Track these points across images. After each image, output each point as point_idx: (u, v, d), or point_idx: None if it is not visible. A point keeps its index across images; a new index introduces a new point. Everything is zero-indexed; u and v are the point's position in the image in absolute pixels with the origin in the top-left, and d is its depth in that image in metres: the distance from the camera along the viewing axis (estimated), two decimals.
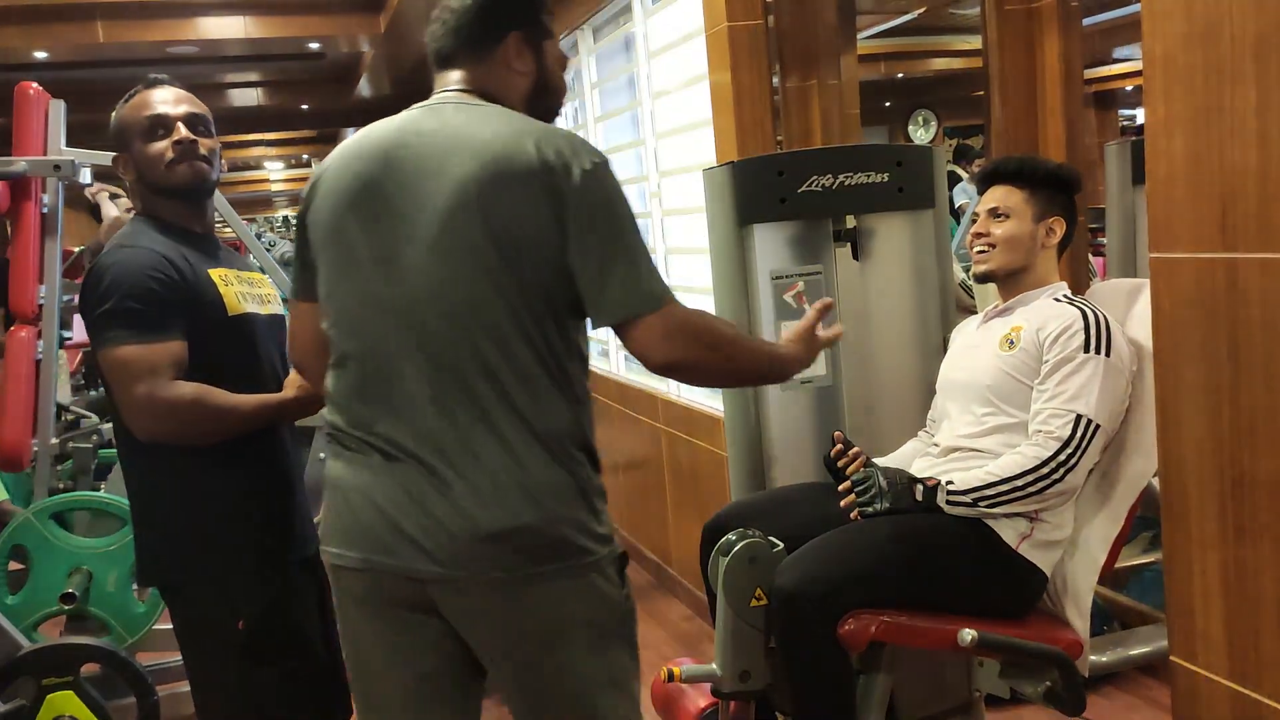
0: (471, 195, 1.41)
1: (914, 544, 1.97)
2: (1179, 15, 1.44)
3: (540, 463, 1.43)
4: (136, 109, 1.92)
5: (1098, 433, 1.95)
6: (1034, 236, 2.17)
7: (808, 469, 2.50)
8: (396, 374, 1.46)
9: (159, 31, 6.33)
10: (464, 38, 1.57)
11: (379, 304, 1.47)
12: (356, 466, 1.49)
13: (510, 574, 1.42)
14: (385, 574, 1.47)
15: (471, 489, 1.41)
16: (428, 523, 1.42)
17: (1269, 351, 1.38)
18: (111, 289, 1.79)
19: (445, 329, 1.43)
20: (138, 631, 2.97)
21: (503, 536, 1.41)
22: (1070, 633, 2.01)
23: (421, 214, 1.44)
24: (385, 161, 1.48)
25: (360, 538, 1.48)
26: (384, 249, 1.46)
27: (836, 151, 2.84)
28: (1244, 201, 1.38)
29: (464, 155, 1.43)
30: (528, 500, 1.42)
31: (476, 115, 1.49)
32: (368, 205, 1.48)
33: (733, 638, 1.99)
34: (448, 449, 1.42)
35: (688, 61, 3.42)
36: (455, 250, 1.42)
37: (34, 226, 2.99)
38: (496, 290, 1.41)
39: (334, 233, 1.51)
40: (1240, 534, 1.47)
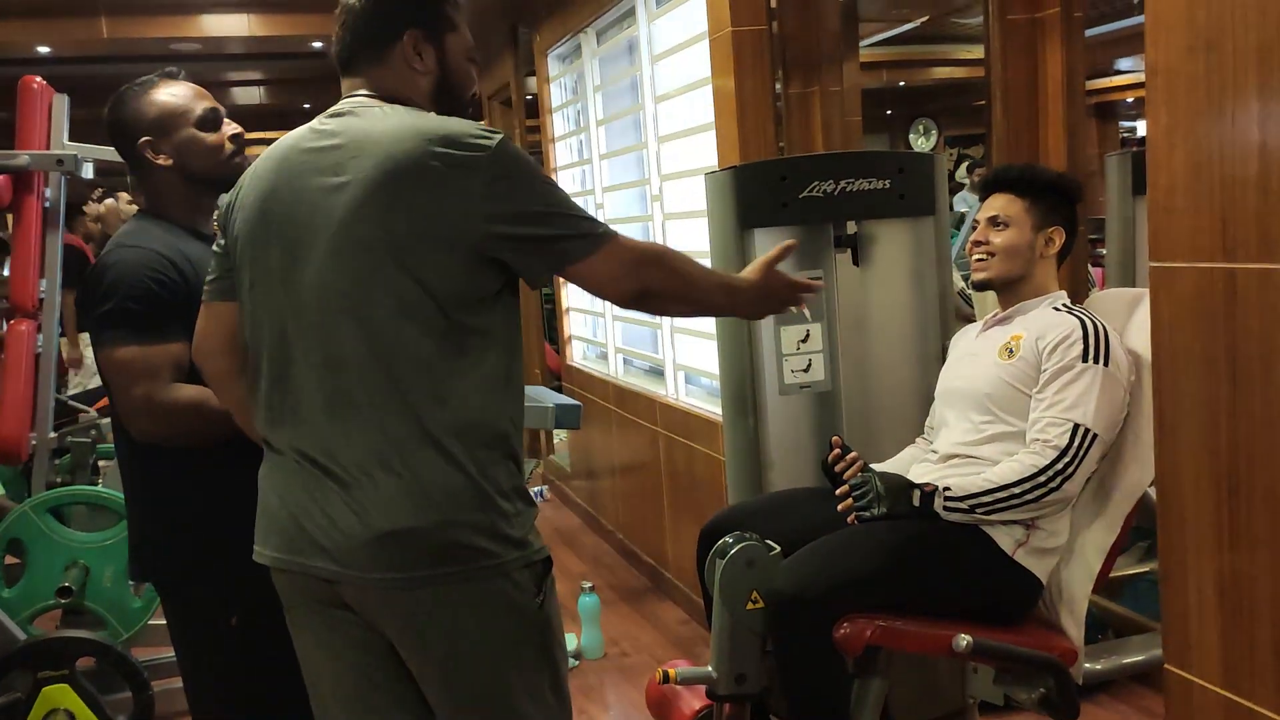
0: (367, 197, 1.41)
1: (910, 549, 1.98)
2: (1181, 26, 1.44)
3: (434, 464, 1.41)
4: (181, 98, 1.92)
5: (1095, 442, 1.96)
6: (1033, 246, 2.17)
7: (805, 473, 2.51)
8: (295, 381, 1.47)
9: (162, 28, 6.35)
10: (361, 39, 1.55)
11: (280, 312, 1.48)
12: (272, 467, 1.53)
13: (405, 575, 1.42)
14: (299, 573, 1.49)
15: (364, 491, 1.42)
16: (326, 524, 1.43)
17: (1267, 362, 1.39)
18: (112, 289, 1.79)
19: (338, 332, 1.43)
20: (133, 626, 2.98)
21: (393, 538, 1.41)
22: (1065, 640, 2.01)
23: (319, 222, 1.45)
24: (287, 172, 1.49)
25: (275, 537, 1.51)
26: (286, 259, 1.47)
27: (838, 157, 2.85)
28: (1244, 212, 1.39)
29: (361, 159, 1.43)
30: (420, 502, 1.41)
31: (375, 118, 1.48)
32: (271, 217, 1.49)
33: (729, 640, 2.00)
34: (341, 452, 1.43)
35: (691, 66, 3.42)
36: (350, 253, 1.42)
37: (35, 220, 3.00)
38: (391, 288, 1.41)
39: (246, 244, 1.52)
40: (1236, 544, 1.48)
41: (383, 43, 1.54)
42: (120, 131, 1.92)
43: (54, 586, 2.88)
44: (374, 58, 1.55)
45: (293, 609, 1.57)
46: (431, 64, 1.56)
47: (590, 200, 4.68)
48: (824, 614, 1.89)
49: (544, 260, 1.46)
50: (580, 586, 3.52)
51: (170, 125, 1.90)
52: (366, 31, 1.55)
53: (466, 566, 1.42)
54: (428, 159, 1.40)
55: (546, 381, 5.74)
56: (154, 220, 1.93)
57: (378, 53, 1.54)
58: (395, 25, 1.53)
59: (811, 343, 2.54)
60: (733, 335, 2.62)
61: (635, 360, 4.45)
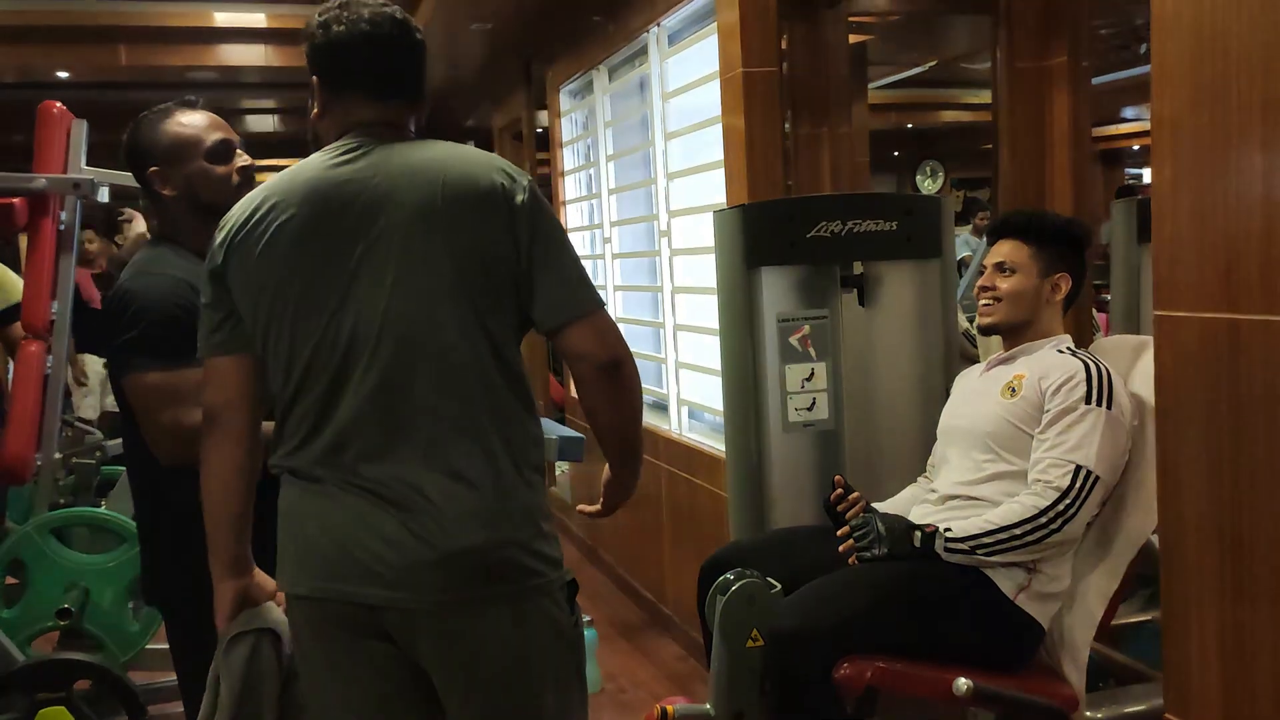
0: (429, 221, 1.44)
1: (912, 591, 1.98)
2: (1187, 78, 1.46)
3: (493, 484, 1.45)
4: (194, 128, 1.94)
5: (1097, 484, 1.96)
6: (1039, 293, 2.18)
7: (808, 511, 2.51)
8: (344, 409, 1.47)
9: (180, 56, 6.42)
10: (398, 74, 1.58)
11: (325, 342, 1.48)
12: (310, 495, 1.51)
13: (457, 596, 1.43)
14: (338, 602, 1.48)
15: (421, 514, 1.43)
16: (378, 548, 1.44)
17: (1270, 413, 1.39)
18: (136, 316, 1.81)
19: (403, 356, 1.45)
20: (131, 650, 2.97)
21: (453, 560, 1.42)
22: (1066, 687, 2.01)
23: (375, 247, 1.46)
24: (324, 202, 1.48)
25: (314, 566, 1.50)
26: (337, 288, 1.47)
27: (847, 198, 2.87)
28: (1248, 263, 1.40)
29: (415, 184, 1.46)
30: (477, 523, 1.43)
31: (413, 148, 1.52)
32: (312, 248, 1.48)
33: (728, 678, 2.00)
34: (398, 476, 1.44)
35: (701, 104, 3.46)
36: (415, 278, 1.45)
37: (50, 243, 3.02)
38: (460, 311, 1.45)
39: (274, 281, 1.50)
40: (1239, 594, 1.47)
41: (416, 92, 1.60)
42: (134, 158, 1.96)
43: (54, 608, 2.88)
44: (409, 99, 1.59)
45: (306, 642, 1.55)
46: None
47: (598, 234, 4.71)
48: (824, 654, 1.89)
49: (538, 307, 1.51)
50: None
51: (181, 155, 1.92)
52: (415, 76, 1.60)
53: (518, 585, 1.46)
54: (491, 185, 1.47)
55: (550, 413, 5.74)
56: (167, 246, 1.95)
57: (413, 97, 1.60)
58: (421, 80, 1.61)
59: (816, 381, 2.55)
60: (737, 371, 2.64)
61: None
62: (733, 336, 2.64)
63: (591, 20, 4.23)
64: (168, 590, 1.95)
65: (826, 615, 1.92)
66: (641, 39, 3.90)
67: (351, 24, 1.54)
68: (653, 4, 3.70)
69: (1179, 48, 1.47)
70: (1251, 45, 1.37)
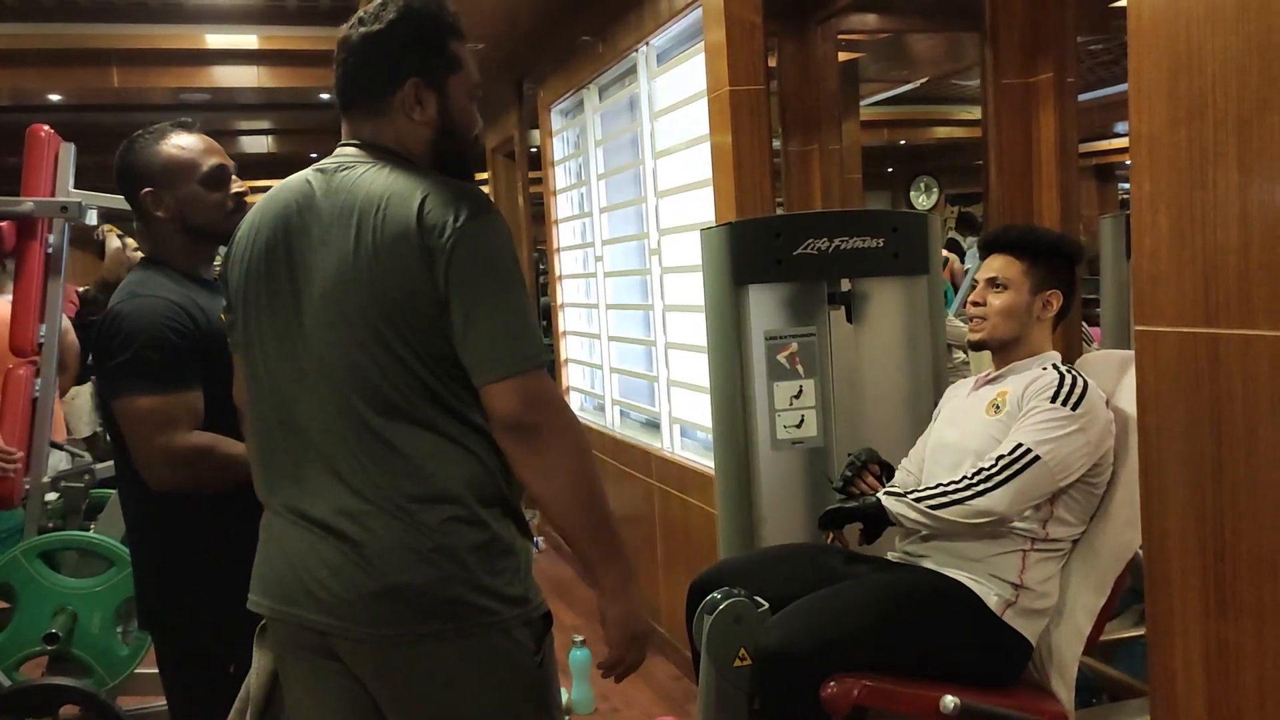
0: (352, 261, 1.40)
1: (899, 607, 1.98)
2: (1164, 97, 1.47)
3: (433, 523, 1.40)
4: (190, 152, 1.93)
5: (1035, 464, 1.95)
6: (1030, 309, 2.18)
7: (797, 528, 2.50)
8: (293, 440, 1.47)
9: (173, 78, 6.45)
10: (358, 85, 1.49)
11: (276, 373, 1.48)
12: (272, 517, 1.52)
13: (400, 631, 1.41)
14: (292, 623, 1.48)
15: (364, 548, 1.41)
16: (324, 577, 1.42)
17: (1250, 427, 1.39)
18: (128, 340, 1.80)
19: (335, 395, 1.43)
20: (120, 675, 2.95)
21: (392, 594, 1.40)
22: (1055, 703, 2.00)
23: (312, 282, 1.44)
24: (283, 227, 1.47)
25: (271, 587, 1.50)
26: (282, 317, 1.47)
27: (833, 215, 2.88)
28: (1225, 278, 1.40)
29: (349, 220, 1.41)
30: (418, 559, 1.40)
31: (367, 176, 1.44)
32: (267, 273, 1.48)
33: (716, 698, 1.98)
34: (342, 511, 1.42)
35: (690, 123, 3.47)
36: (341, 317, 1.41)
37: (38, 266, 3.02)
38: (382, 356, 1.40)
39: (243, 298, 1.51)
40: (1223, 609, 1.47)
41: (382, 92, 1.48)
42: (126, 178, 1.94)
43: (41, 632, 2.86)
44: (372, 107, 1.49)
45: (284, 659, 1.56)
46: (432, 113, 1.49)
47: (590, 253, 4.72)
48: (811, 671, 1.88)
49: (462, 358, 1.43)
50: (572, 640, 3.50)
51: (175, 178, 1.91)
52: (365, 78, 1.49)
53: (465, 623, 1.41)
54: (409, 222, 1.37)
55: None
56: (158, 268, 1.94)
57: (376, 102, 1.49)
58: (397, 75, 1.47)
59: (804, 398, 2.55)
60: (726, 389, 2.63)
61: (632, 412, 4.46)
62: (721, 354, 2.64)
63: (581, 40, 4.25)
64: (161, 616, 1.94)
65: (813, 633, 1.91)
66: (631, 58, 3.92)
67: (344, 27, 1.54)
68: (641, 23, 3.72)
69: (1156, 64, 1.48)
70: (1227, 62, 1.37)
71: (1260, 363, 1.37)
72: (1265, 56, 1.32)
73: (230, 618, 1.84)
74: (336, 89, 1.53)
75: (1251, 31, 1.34)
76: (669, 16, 3.48)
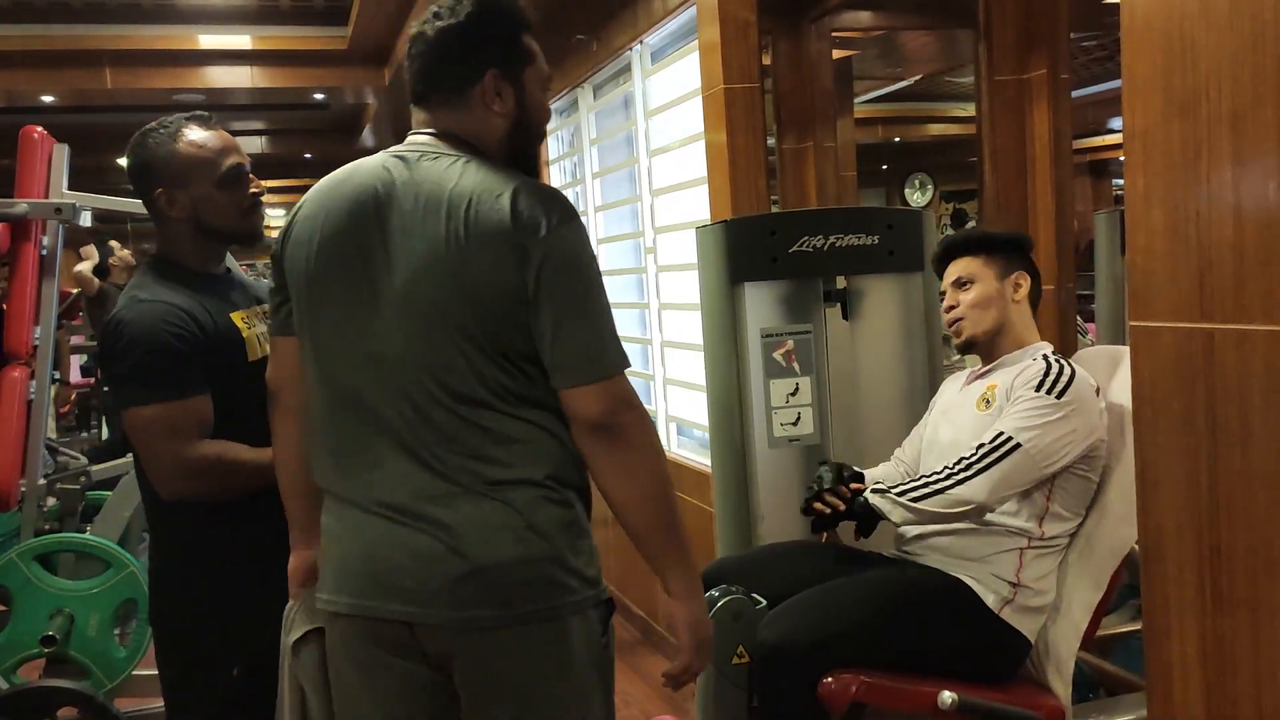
0: (442, 253, 1.40)
1: (896, 604, 1.98)
2: (1157, 92, 1.47)
3: (524, 501, 1.42)
4: (207, 150, 1.86)
5: (1016, 451, 1.95)
6: (1003, 295, 2.18)
7: (794, 526, 2.50)
8: (365, 424, 1.45)
9: (167, 79, 6.44)
10: (436, 76, 1.50)
11: (347, 355, 1.47)
12: (341, 516, 1.50)
13: (491, 613, 1.41)
14: (374, 619, 1.46)
15: (453, 530, 1.40)
16: (408, 564, 1.42)
17: (1244, 422, 1.40)
18: (131, 346, 1.76)
19: (415, 380, 1.42)
20: (117, 676, 2.95)
21: (482, 575, 1.40)
22: (1052, 698, 2.00)
23: (391, 268, 1.43)
24: (358, 211, 1.46)
25: (349, 582, 1.47)
26: (355, 301, 1.46)
27: (828, 213, 2.88)
28: (1220, 273, 1.41)
29: (437, 212, 1.41)
30: (511, 537, 1.40)
31: (453, 168, 1.45)
32: (344, 256, 1.47)
33: (714, 695, 1.99)
34: (424, 495, 1.42)
35: (685, 121, 3.47)
36: (427, 306, 1.41)
37: (32, 268, 3.02)
38: (466, 346, 1.41)
39: (311, 279, 1.49)
40: (1218, 603, 1.47)
41: (461, 85, 1.49)
42: (139, 175, 1.88)
43: (38, 634, 2.86)
44: (450, 99, 1.50)
45: (350, 658, 1.51)
46: (510, 105, 1.51)
47: None
48: (809, 667, 1.88)
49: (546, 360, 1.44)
50: None
51: (190, 178, 1.85)
52: (444, 70, 1.50)
53: (553, 603, 1.42)
54: (503, 219, 1.39)
55: None
56: (166, 266, 1.90)
57: (455, 94, 1.50)
58: (477, 67, 1.49)
59: (800, 396, 2.55)
60: (722, 387, 2.64)
61: None
62: (717, 352, 2.64)
63: (576, 38, 4.25)
64: (172, 616, 1.91)
65: (811, 630, 1.91)
66: (625, 56, 3.92)
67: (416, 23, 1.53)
68: (635, 22, 3.71)
69: (1149, 61, 1.48)
70: (1220, 57, 1.38)
71: (1255, 357, 1.37)
72: (1258, 51, 1.32)
73: (238, 620, 1.85)
74: (411, 82, 1.54)
75: (1244, 27, 1.34)
76: (663, 15, 3.48)
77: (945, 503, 1.96)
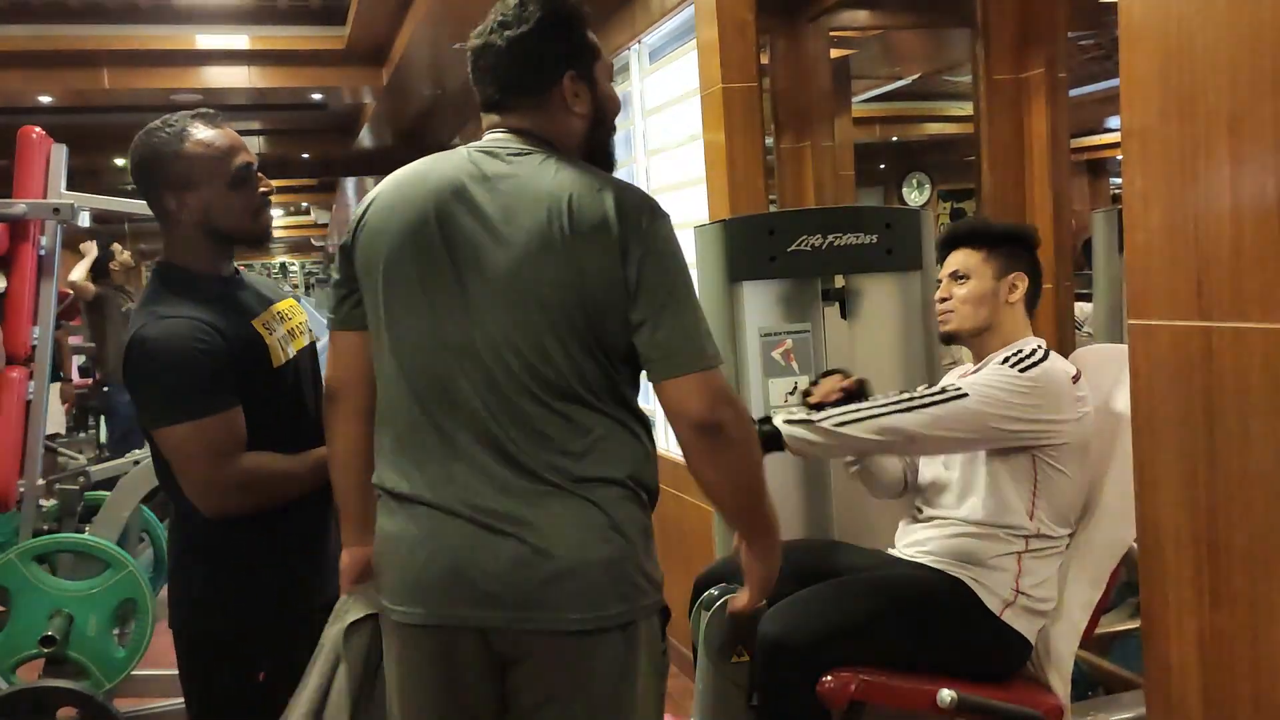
0: (540, 248, 1.41)
1: (897, 604, 1.98)
2: (1155, 90, 1.47)
3: (609, 500, 1.43)
4: (215, 150, 1.79)
5: (960, 399, 1.94)
6: (996, 294, 2.15)
7: (793, 525, 2.50)
8: (448, 418, 1.43)
9: (164, 79, 6.43)
10: (515, 83, 1.52)
11: (428, 348, 1.45)
12: (415, 516, 1.46)
13: (578, 616, 1.40)
14: (451, 629, 1.43)
15: (540, 529, 1.40)
16: (494, 568, 1.40)
17: (1242, 420, 1.40)
18: (159, 365, 1.71)
19: (507, 374, 1.42)
20: (116, 677, 2.95)
21: (569, 576, 1.39)
22: (1052, 697, 2.00)
23: (481, 262, 1.43)
24: (451, 204, 1.46)
25: (428, 593, 1.44)
26: (439, 294, 1.44)
27: (826, 212, 2.88)
28: (1218, 271, 1.41)
29: (534, 208, 1.42)
30: (598, 537, 1.41)
31: (544, 164, 1.47)
32: (431, 246, 1.45)
33: (713, 694, 1.99)
34: (511, 493, 1.41)
35: (683, 121, 3.47)
36: (522, 299, 1.42)
37: (31, 268, 3.02)
38: (564, 340, 1.42)
39: (391, 269, 1.47)
40: (1217, 601, 1.48)
41: (540, 89, 1.51)
42: (143, 176, 1.80)
43: (37, 635, 2.86)
44: (528, 104, 1.52)
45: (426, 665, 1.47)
46: (587, 104, 1.54)
47: None
48: (808, 665, 1.88)
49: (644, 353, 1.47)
50: None
51: (199, 179, 1.78)
52: (523, 78, 1.52)
53: (633, 605, 1.43)
54: (604, 214, 1.41)
55: None
56: (175, 273, 1.84)
57: (534, 99, 1.52)
58: (555, 70, 1.51)
59: (799, 395, 2.55)
60: None
61: None
62: None
63: None
64: (203, 620, 1.86)
65: (810, 627, 1.91)
66: (623, 56, 3.92)
67: (480, 34, 1.53)
68: (633, 21, 3.71)
69: (1147, 58, 1.48)
70: (1218, 55, 1.38)
71: (1253, 355, 1.37)
72: (1256, 49, 1.33)
73: (265, 623, 1.82)
74: (486, 92, 1.54)
75: (1242, 25, 1.34)
76: (661, 14, 3.48)
77: (872, 428, 1.93)
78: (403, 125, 7.84)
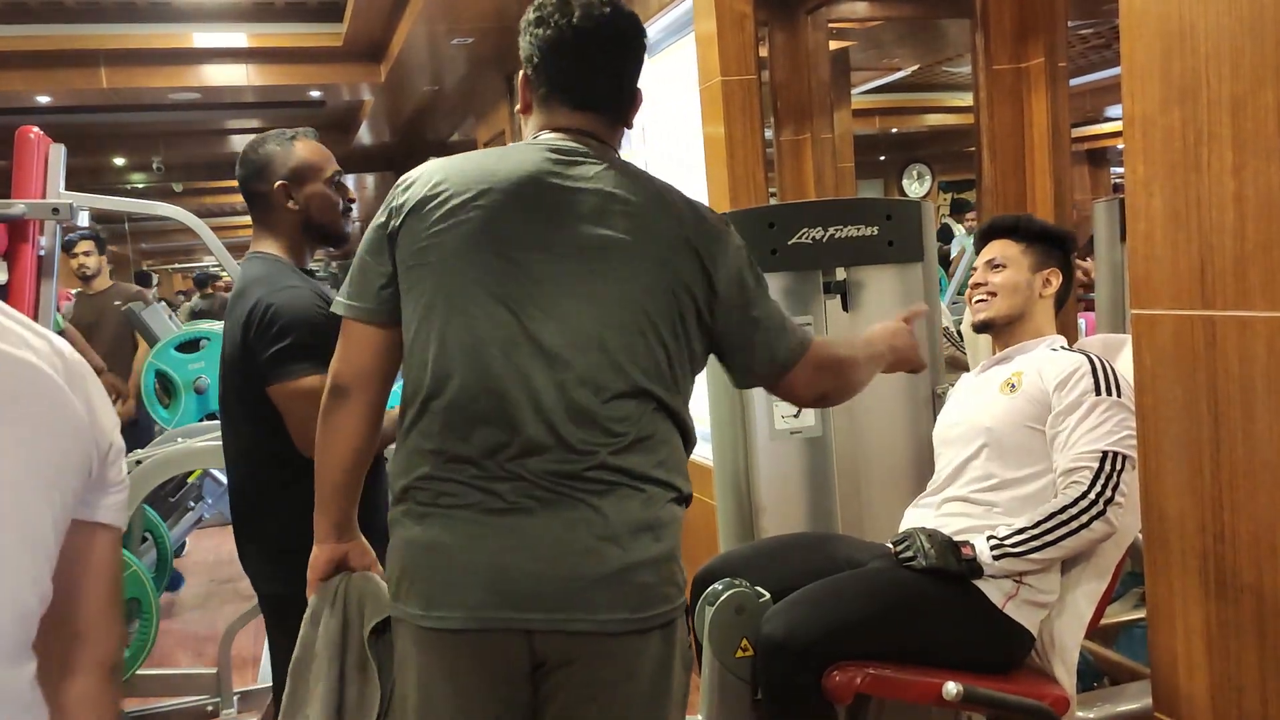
0: (617, 247, 1.43)
1: (900, 597, 1.97)
2: (1157, 77, 1.47)
3: (661, 500, 1.45)
4: (319, 156, 2.11)
5: (1126, 463, 1.94)
6: (1031, 286, 2.20)
7: (797, 519, 2.50)
8: (519, 412, 1.40)
9: (162, 78, 6.43)
10: (613, 90, 1.54)
11: (494, 339, 1.41)
12: (455, 521, 1.42)
13: (624, 616, 1.40)
14: (491, 632, 1.40)
15: (594, 526, 1.39)
16: (545, 571, 1.38)
17: (1247, 409, 1.39)
18: (289, 327, 1.92)
19: (578, 369, 1.40)
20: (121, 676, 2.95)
21: (621, 576, 1.39)
22: (1057, 688, 2.00)
23: (553, 256, 1.43)
24: (512, 200, 1.44)
25: (469, 595, 1.40)
26: (507, 287, 1.42)
27: (827, 204, 2.87)
28: (1221, 259, 1.40)
29: (613, 207, 1.45)
30: (650, 536, 1.42)
31: (629, 170, 1.51)
32: (490, 240, 1.43)
33: (718, 689, 1.98)
34: (571, 490, 1.40)
35: (682, 114, 3.46)
36: (598, 296, 1.42)
37: (30, 268, 3.01)
38: (642, 337, 1.43)
39: (445, 263, 1.43)
40: (1222, 590, 1.47)
41: (619, 103, 1.56)
42: (258, 171, 2.08)
43: None
44: (607, 113, 1.55)
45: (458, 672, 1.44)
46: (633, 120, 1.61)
47: None
48: (814, 660, 1.88)
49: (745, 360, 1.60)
50: None
51: (307, 176, 2.09)
52: (622, 86, 1.55)
53: (671, 606, 1.45)
54: (687, 227, 1.48)
55: None
56: (275, 260, 2.07)
57: (612, 112, 1.55)
58: (633, 91, 1.57)
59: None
60: (722, 381, 2.63)
61: None
62: None
63: None
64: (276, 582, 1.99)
65: (816, 622, 1.91)
66: None
67: (559, 26, 1.48)
68: None
69: (1148, 46, 1.48)
70: (1220, 42, 1.37)
71: (1257, 343, 1.37)
72: (1258, 35, 1.32)
73: None
74: (584, 85, 1.52)
75: (1244, 11, 1.33)
76: (659, 8, 3.47)
77: (1087, 536, 1.92)
78: (401, 122, 7.84)
